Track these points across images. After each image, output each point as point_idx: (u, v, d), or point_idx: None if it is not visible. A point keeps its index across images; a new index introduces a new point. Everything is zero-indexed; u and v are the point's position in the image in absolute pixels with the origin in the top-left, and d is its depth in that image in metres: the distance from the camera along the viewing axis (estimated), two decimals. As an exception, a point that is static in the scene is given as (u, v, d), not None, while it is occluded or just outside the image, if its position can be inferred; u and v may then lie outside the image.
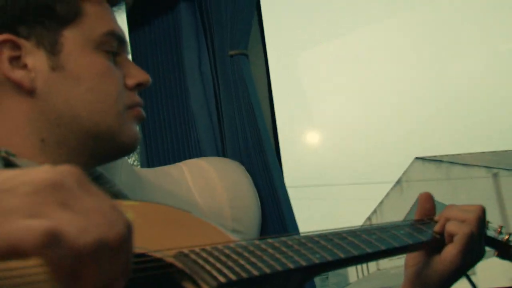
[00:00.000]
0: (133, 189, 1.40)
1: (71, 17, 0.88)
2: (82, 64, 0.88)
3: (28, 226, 0.44)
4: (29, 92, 0.86)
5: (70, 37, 0.88)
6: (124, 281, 0.51)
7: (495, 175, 9.73)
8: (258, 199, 1.60)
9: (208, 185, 1.55)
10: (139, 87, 0.94)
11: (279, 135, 1.81)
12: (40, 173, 0.48)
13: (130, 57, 0.99)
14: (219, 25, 1.71)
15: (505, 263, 1.07)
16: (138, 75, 0.94)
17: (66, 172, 0.49)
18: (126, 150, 0.94)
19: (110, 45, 0.91)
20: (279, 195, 1.58)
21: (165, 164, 1.68)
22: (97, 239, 0.46)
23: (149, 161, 1.80)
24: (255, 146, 1.62)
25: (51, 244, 0.44)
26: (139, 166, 1.83)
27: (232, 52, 1.66)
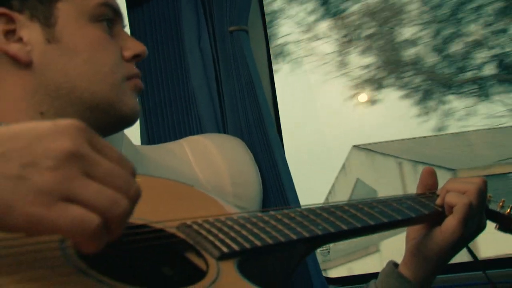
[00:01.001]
0: (134, 165, 1.39)
1: None
2: (78, 35, 0.88)
3: (81, 220, 0.48)
4: (26, 65, 0.86)
5: (64, 9, 0.88)
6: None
7: (400, 164, 10.00)
8: (259, 175, 1.60)
9: (209, 161, 1.55)
10: (136, 58, 0.95)
11: (279, 111, 1.80)
12: (54, 142, 0.49)
13: (128, 31, 0.99)
14: (218, 1, 1.69)
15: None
16: (135, 47, 0.94)
17: (76, 134, 0.50)
18: (126, 121, 0.94)
19: (105, 16, 0.91)
20: (280, 171, 1.58)
21: (166, 141, 1.68)
22: (126, 207, 0.51)
23: (150, 138, 1.79)
24: (256, 122, 1.61)
25: (98, 234, 0.49)
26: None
27: (232, 28, 1.65)
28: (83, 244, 0.50)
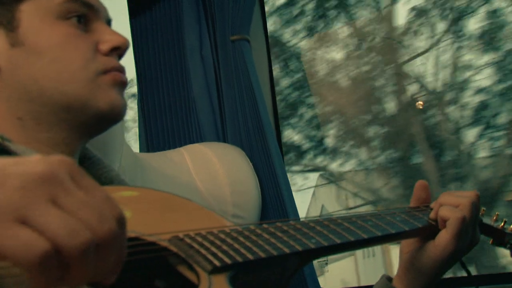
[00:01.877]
0: (133, 173, 1.40)
1: None
2: (42, 36, 0.85)
3: (27, 243, 0.43)
4: None
5: (28, 11, 0.85)
6: (115, 274, 0.50)
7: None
8: (259, 184, 1.60)
9: (209, 170, 1.55)
10: (115, 51, 0.89)
11: (280, 120, 1.81)
12: (31, 165, 0.46)
13: (130, 37, 0.97)
14: (220, 10, 1.70)
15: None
16: (113, 39, 0.89)
17: (57, 163, 0.47)
18: (107, 118, 0.89)
19: (73, 11, 0.87)
20: (280, 180, 1.58)
21: (165, 149, 1.69)
22: (86, 240, 0.45)
23: (149, 146, 1.80)
24: (256, 131, 1.62)
25: (46, 263, 0.44)
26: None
27: (233, 37, 1.66)
28: (32, 276, 0.44)
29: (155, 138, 1.79)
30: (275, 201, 1.59)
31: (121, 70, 0.90)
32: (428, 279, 0.97)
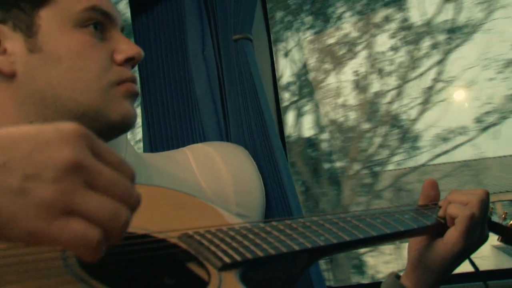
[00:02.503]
0: (137, 173, 1.39)
1: None
2: (60, 43, 0.85)
3: (82, 235, 0.48)
4: (10, 76, 0.85)
5: (47, 18, 0.86)
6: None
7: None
8: (262, 183, 1.59)
9: (213, 170, 1.55)
10: (129, 62, 0.91)
11: (283, 119, 1.81)
12: (55, 151, 0.49)
13: (132, 38, 0.97)
14: (222, 9, 1.70)
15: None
16: (128, 50, 0.90)
17: (78, 142, 0.50)
18: (118, 128, 0.90)
19: (91, 20, 0.88)
20: (284, 180, 1.58)
21: (169, 149, 1.68)
22: (127, 218, 0.51)
23: (153, 146, 1.79)
24: (259, 130, 1.61)
25: (100, 246, 0.49)
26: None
27: (236, 37, 1.65)
28: (84, 255, 0.50)
29: (158, 139, 1.79)
30: (279, 200, 1.58)
31: (134, 80, 0.91)
32: (436, 277, 0.97)
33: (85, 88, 0.86)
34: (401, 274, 1.02)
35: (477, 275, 1.05)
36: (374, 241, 0.86)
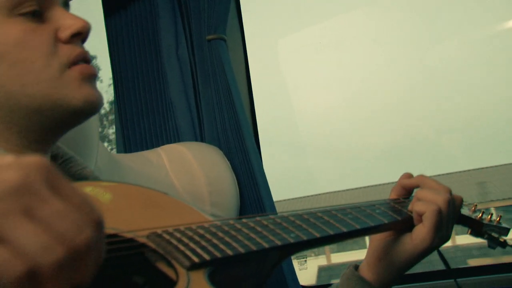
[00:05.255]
0: (110, 174, 1.38)
1: None
2: None
3: (4, 265, 0.41)
4: None
5: None
6: (91, 278, 0.48)
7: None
8: (237, 183, 1.59)
9: (186, 170, 1.54)
10: (76, 37, 0.82)
11: (257, 119, 1.80)
12: (4, 172, 0.44)
13: (104, 39, 0.93)
14: (196, 9, 1.69)
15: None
16: (72, 25, 0.81)
17: (34, 168, 0.45)
18: (83, 113, 0.83)
19: (26, 5, 0.80)
20: (258, 179, 1.57)
21: (143, 149, 1.67)
22: (61, 256, 0.43)
23: (126, 147, 1.77)
24: (233, 130, 1.61)
25: (22, 283, 0.42)
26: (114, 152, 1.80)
27: (210, 37, 1.65)
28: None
29: (132, 139, 1.77)
30: (253, 199, 1.58)
31: (87, 58, 0.83)
32: (399, 270, 0.98)
33: (34, 80, 0.79)
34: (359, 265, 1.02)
35: (448, 272, 1.06)
36: (344, 236, 0.86)
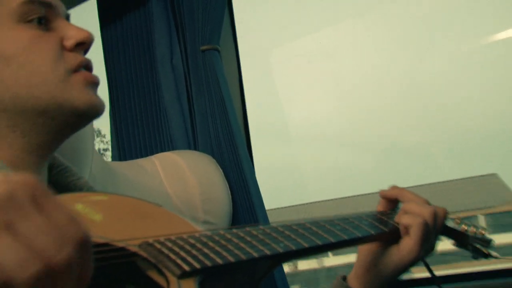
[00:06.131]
0: (104, 182, 1.38)
1: None
2: (6, 42, 0.81)
3: None
4: None
5: None
6: None
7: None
8: (229, 191, 1.59)
9: (180, 178, 1.54)
10: (80, 46, 0.86)
11: (250, 129, 1.81)
12: None
13: (99, 49, 0.95)
14: (191, 20, 1.70)
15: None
16: (76, 35, 0.85)
17: (20, 185, 0.44)
18: (86, 116, 0.86)
19: (34, 12, 0.83)
20: (250, 188, 1.58)
21: (137, 157, 1.67)
22: (36, 272, 0.43)
23: (121, 155, 1.78)
24: (226, 140, 1.61)
25: None
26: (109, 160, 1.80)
27: (204, 47, 1.66)
28: None
29: (127, 148, 1.77)
30: (245, 208, 1.58)
31: (89, 66, 0.87)
32: (386, 280, 0.98)
33: (41, 81, 0.82)
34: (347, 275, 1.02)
35: (432, 279, 1.07)
36: (332, 247, 0.87)
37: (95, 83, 0.87)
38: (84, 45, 0.87)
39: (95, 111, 0.86)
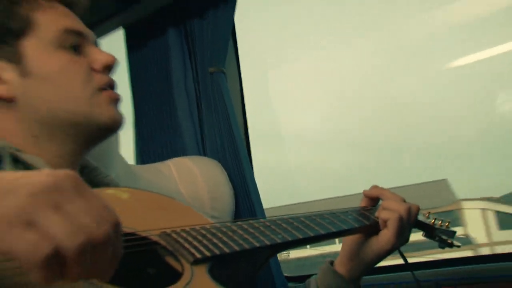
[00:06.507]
0: (127, 182, 1.37)
1: (25, 28, 0.83)
2: (45, 64, 0.82)
3: (33, 246, 0.42)
4: (10, 101, 0.82)
5: (30, 45, 0.83)
6: (111, 272, 0.48)
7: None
8: (232, 191, 1.58)
9: (191, 179, 1.53)
10: (107, 68, 0.87)
11: (250, 138, 1.80)
12: (40, 176, 0.45)
13: (125, 71, 0.95)
14: (200, 46, 1.69)
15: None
16: (103, 59, 0.87)
17: (63, 175, 0.46)
18: (108, 130, 0.87)
19: (68, 40, 0.85)
20: (250, 188, 1.57)
21: (155, 161, 1.66)
22: (82, 242, 0.44)
23: (143, 159, 1.77)
24: (230, 147, 1.60)
25: (48, 263, 0.42)
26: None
27: (211, 70, 1.65)
28: (34, 271, 0.42)
29: (147, 153, 1.76)
30: (245, 204, 1.57)
31: (113, 85, 0.88)
32: (367, 266, 0.98)
33: (74, 98, 0.83)
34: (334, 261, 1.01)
35: (406, 265, 1.06)
36: (322, 237, 0.86)
37: (117, 100, 0.87)
38: (109, 67, 0.88)
39: (116, 125, 0.87)
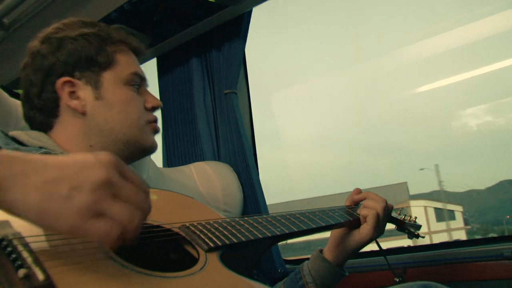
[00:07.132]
0: (157, 181, 1.37)
1: (108, 64, 0.88)
2: (115, 95, 0.87)
3: (106, 232, 0.46)
4: (82, 114, 0.86)
5: (108, 77, 0.87)
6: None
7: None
8: (242, 190, 1.58)
9: (208, 180, 1.53)
10: (154, 109, 0.93)
11: (256, 146, 1.79)
12: (93, 171, 0.47)
13: (157, 90, 0.96)
14: (217, 71, 1.69)
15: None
16: (154, 101, 0.93)
17: (109, 165, 0.48)
18: (147, 152, 0.92)
19: (134, 81, 0.90)
20: (256, 188, 1.57)
21: (180, 165, 1.66)
22: (141, 220, 0.48)
23: (169, 163, 1.77)
24: (240, 154, 1.60)
25: (119, 240, 0.47)
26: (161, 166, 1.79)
27: (226, 91, 1.65)
28: (106, 245, 0.48)
29: (172, 158, 1.76)
30: (252, 201, 1.57)
31: (157, 121, 0.94)
32: (350, 253, 0.97)
33: (130, 125, 0.87)
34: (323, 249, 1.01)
35: (380, 252, 1.05)
36: (314, 230, 0.85)
37: (158, 131, 0.93)
38: (156, 108, 0.93)
39: (154, 150, 0.92)
